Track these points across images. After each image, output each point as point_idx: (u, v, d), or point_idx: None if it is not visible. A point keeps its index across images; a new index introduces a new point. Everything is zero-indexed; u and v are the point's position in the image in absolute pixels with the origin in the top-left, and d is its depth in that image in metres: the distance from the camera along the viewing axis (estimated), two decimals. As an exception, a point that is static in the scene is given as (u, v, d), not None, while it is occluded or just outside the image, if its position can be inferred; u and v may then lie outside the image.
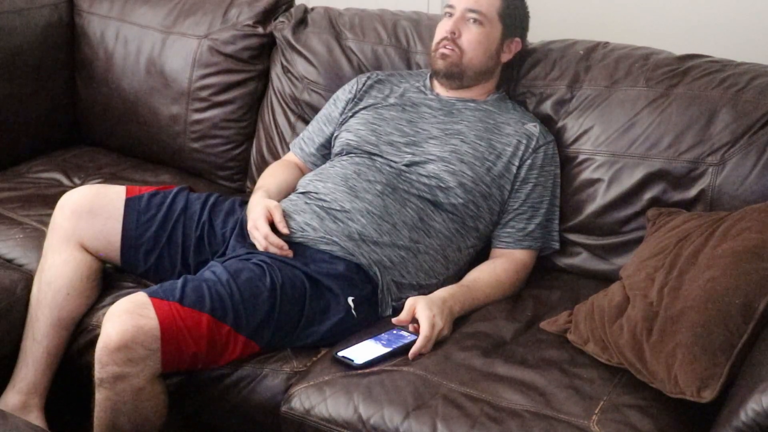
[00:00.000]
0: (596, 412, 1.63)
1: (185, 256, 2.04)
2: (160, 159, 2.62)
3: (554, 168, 2.14)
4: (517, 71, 2.27)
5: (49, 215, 2.22)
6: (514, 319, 1.94)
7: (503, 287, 2.04)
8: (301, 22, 2.52)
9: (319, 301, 1.90)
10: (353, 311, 1.91)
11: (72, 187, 2.45)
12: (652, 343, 1.66)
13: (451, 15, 2.18)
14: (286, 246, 1.93)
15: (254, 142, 2.56)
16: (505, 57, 2.21)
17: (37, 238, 2.18)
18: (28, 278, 2.06)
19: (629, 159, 2.06)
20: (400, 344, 1.83)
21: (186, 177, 2.54)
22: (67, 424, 2.07)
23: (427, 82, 2.25)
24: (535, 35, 2.31)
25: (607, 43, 2.24)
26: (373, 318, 1.96)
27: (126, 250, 2.04)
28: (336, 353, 1.82)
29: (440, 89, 2.22)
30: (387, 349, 1.81)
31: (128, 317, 1.71)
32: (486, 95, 2.22)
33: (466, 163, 2.08)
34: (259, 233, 1.94)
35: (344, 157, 2.16)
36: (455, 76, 2.17)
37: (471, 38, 2.14)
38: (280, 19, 2.54)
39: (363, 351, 1.82)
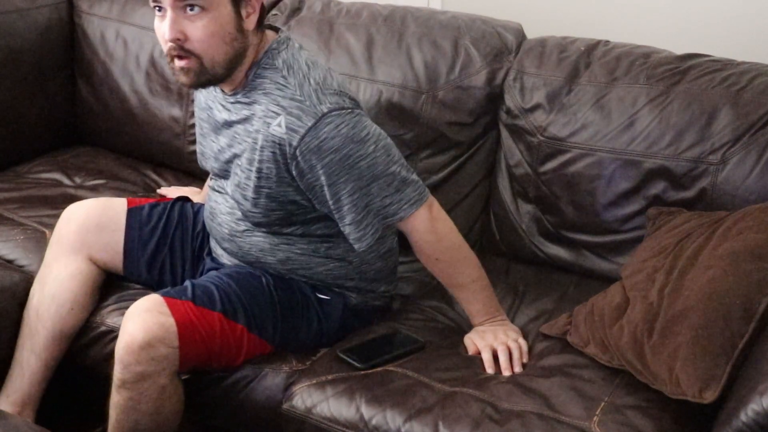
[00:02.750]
0: (597, 413, 1.63)
1: (185, 267, 2.04)
2: (160, 160, 2.62)
3: (325, 157, 1.72)
4: (513, 57, 2.25)
5: (50, 216, 2.23)
6: (513, 323, 1.95)
7: (442, 268, 1.89)
8: (296, 11, 2.50)
9: (306, 299, 1.91)
10: (330, 303, 1.91)
11: (72, 187, 2.46)
12: (653, 344, 1.66)
13: (160, 10, 1.72)
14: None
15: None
16: (250, 22, 1.76)
17: (38, 239, 2.19)
18: (28, 279, 2.06)
19: (629, 156, 2.05)
20: (405, 348, 1.83)
21: (185, 178, 2.54)
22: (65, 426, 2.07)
23: None
24: (536, 34, 2.31)
25: (607, 42, 2.24)
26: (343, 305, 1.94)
27: (128, 261, 2.04)
28: (339, 351, 1.82)
29: None
30: (392, 353, 1.82)
31: (150, 316, 1.73)
32: (244, 78, 1.80)
33: (249, 200, 1.82)
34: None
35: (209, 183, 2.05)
36: (209, 83, 1.78)
37: (200, 36, 1.69)
38: (273, 12, 2.53)
39: (367, 352, 1.83)
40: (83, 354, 2.01)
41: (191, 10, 1.68)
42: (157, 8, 1.71)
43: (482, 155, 2.29)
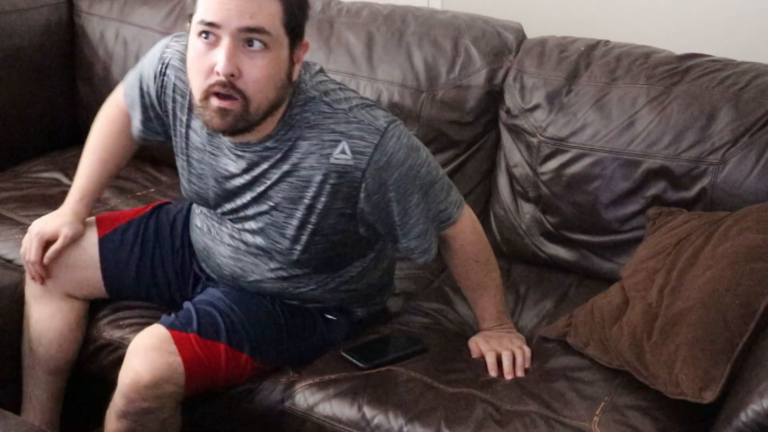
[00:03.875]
0: (597, 413, 1.64)
1: (170, 286, 1.95)
2: (160, 159, 2.61)
3: (394, 172, 1.64)
4: (513, 56, 2.25)
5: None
6: (517, 326, 1.94)
7: (477, 270, 1.84)
8: None
9: (312, 320, 1.86)
10: (337, 322, 1.88)
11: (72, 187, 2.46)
12: (652, 344, 1.66)
13: (209, 36, 1.51)
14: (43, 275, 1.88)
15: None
16: (296, 71, 1.62)
17: (37, 238, 2.19)
18: (28, 278, 2.06)
19: (629, 156, 2.05)
20: (408, 350, 1.83)
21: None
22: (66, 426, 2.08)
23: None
24: (536, 34, 2.31)
25: (607, 42, 2.24)
26: (349, 322, 1.91)
27: (111, 290, 1.95)
28: (342, 351, 1.82)
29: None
30: (395, 354, 1.82)
31: (157, 355, 1.66)
32: (275, 126, 1.64)
33: (289, 237, 1.71)
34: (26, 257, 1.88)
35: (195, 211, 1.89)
36: (243, 131, 1.60)
37: (257, 76, 1.52)
38: None
39: (370, 352, 1.82)
40: (84, 366, 1.99)
41: (250, 45, 1.51)
42: (204, 35, 1.51)
43: (482, 155, 2.29)
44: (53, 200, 2.35)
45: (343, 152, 1.61)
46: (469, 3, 2.56)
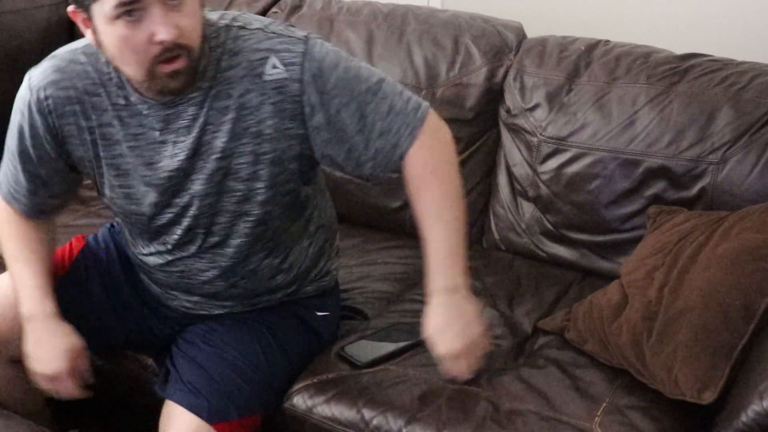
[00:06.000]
0: (598, 413, 1.63)
1: (143, 347, 1.86)
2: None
3: (331, 76, 1.55)
4: (513, 55, 2.25)
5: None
6: (513, 322, 1.95)
7: (433, 189, 1.64)
8: (296, 9, 2.51)
9: (308, 336, 1.83)
10: (328, 318, 1.86)
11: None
12: (652, 343, 1.66)
13: (133, 12, 1.41)
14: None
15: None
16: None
17: (37, 237, 2.18)
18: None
19: (629, 156, 2.05)
20: (407, 342, 1.82)
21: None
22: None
23: (129, 87, 1.56)
24: (536, 33, 2.31)
25: (608, 41, 2.24)
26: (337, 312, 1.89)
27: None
28: (342, 348, 1.81)
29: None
30: (393, 347, 1.81)
31: None
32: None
33: (246, 179, 1.60)
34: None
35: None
36: (191, 84, 1.52)
37: (193, 24, 1.46)
38: (274, 9, 2.54)
39: (368, 349, 1.81)
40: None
41: None
42: (127, 15, 1.41)
43: (482, 153, 2.29)
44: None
45: (274, 67, 1.53)
46: (468, 2, 2.56)
